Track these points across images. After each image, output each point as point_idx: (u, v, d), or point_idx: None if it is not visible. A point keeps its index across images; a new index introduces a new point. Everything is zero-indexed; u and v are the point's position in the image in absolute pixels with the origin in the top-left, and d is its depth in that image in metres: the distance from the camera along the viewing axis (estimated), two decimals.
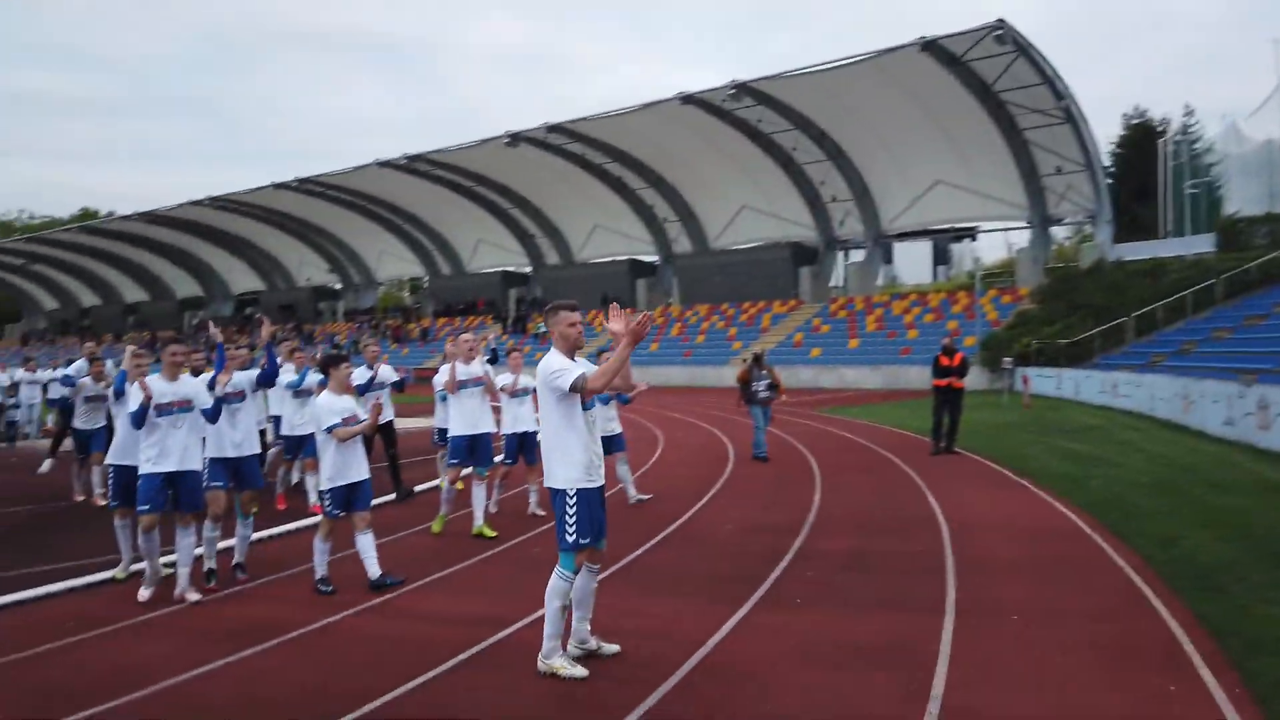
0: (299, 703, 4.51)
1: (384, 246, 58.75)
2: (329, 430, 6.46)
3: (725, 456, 14.29)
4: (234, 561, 7.06)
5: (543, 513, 9.18)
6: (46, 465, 12.69)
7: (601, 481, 4.88)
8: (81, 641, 5.55)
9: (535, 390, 8.65)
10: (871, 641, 5.20)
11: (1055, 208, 39.52)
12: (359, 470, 6.62)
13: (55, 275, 76.53)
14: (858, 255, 46.36)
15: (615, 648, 5.06)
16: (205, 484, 6.81)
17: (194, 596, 6.35)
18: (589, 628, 5.02)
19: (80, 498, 10.95)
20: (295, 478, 10.55)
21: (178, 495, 6.40)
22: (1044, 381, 28.10)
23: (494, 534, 8.35)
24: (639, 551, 7.63)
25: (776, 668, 4.81)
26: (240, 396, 7.17)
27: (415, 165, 46.83)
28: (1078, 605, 5.79)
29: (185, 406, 6.42)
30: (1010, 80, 34.38)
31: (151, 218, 58.52)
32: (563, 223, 52.29)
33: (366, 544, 6.64)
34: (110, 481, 6.98)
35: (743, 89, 36.99)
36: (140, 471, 6.39)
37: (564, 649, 4.87)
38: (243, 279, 67.40)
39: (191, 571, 6.46)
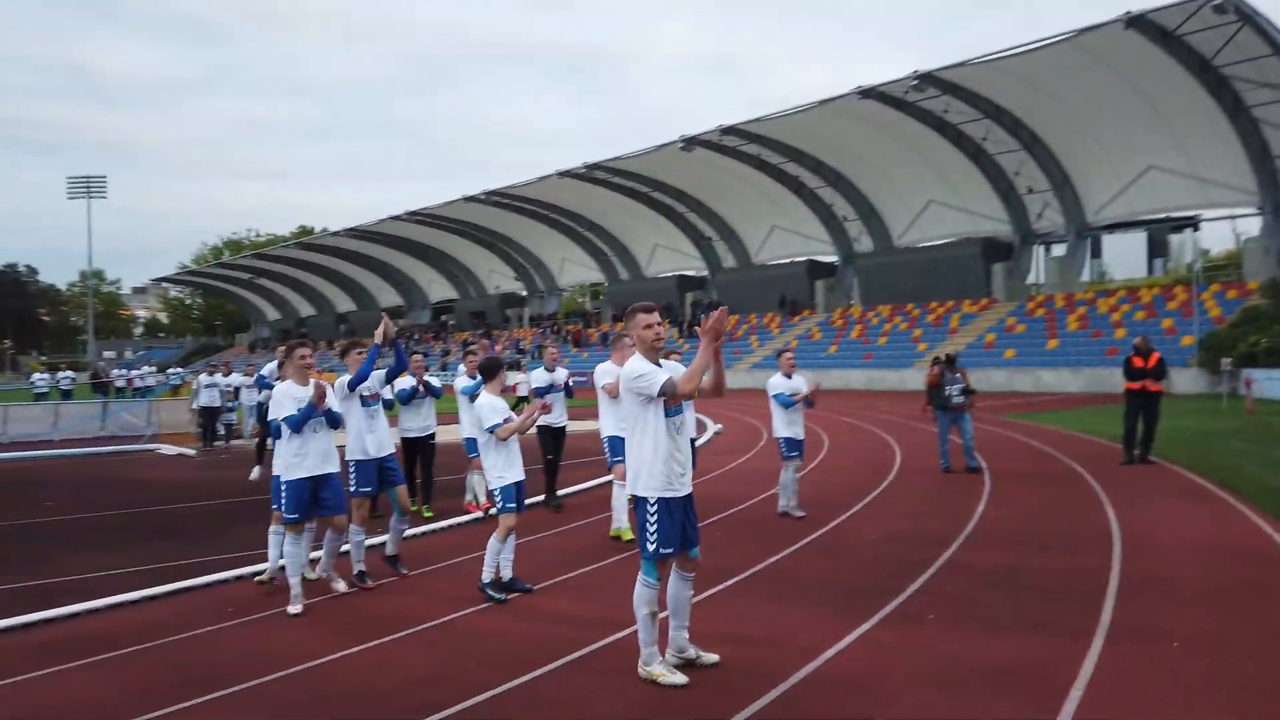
0: (410, 693, 4.64)
1: (566, 254, 60.69)
2: (491, 430, 6.45)
3: (890, 463, 13.64)
4: (388, 553, 7.24)
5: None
6: (256, 472, 13.00)
7: (686, 490, 4.71)
8: (234, 626, 5.98)
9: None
10: (1002, 663, 4.74)
11: None
12: (521, 469, 6.64)
13: (277, 288, 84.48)
14: (1058, 249, 43.23)
15: (714, 658, 4.88)
16: (353, 490, 7.06)
17: (340, 586, 6.61)
18: (686, 636, 4.87)
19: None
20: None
21: (320, 499, 6.47)
22: (1274, 384, 25.05)
23: (631, 536, 8.31)
24: (775, 558, 7.38)
25: (889, 684, 4.48)
26: (376, 399, 7.31)
27: (593, 174, 48.06)
28: (1252, 638, 5.04)
29: (319, 409, 6.57)
30: (1234, 53, 30.90)
31: (357, 233, 63.43)
32: (739, 225, 52.03)
33: (509, 546, 6.67)
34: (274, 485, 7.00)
35: (926, 79, 35.36)
36: (283, 479, 6.46)
37: (663, 655, 4.75)
38: (439, 288, 71.66)
39: (338, 565, 6.74)
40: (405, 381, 9.26)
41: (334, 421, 6.58)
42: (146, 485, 13.31)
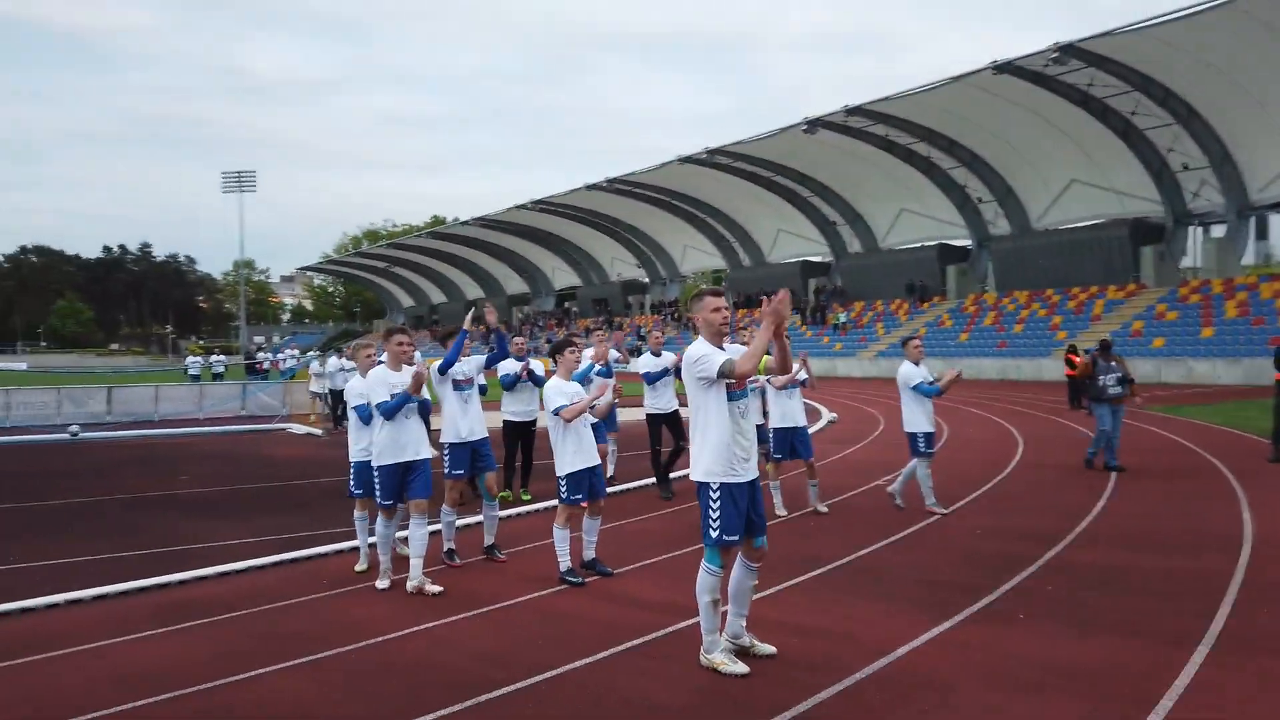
0: (473, 668, 4.72)
1: (687, 240, 60.60)
2: (556, 412, 6.46)
3: (1010, 456, 12.97)
4: (486, 543, 7.28)
5: (824, 509, 8.85)
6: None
7: (751, 475, 4.60)
8: (325, 598, 6.24)
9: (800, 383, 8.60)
10: (1089, 667, 4.41)
11: None
12: (592, 455, 6.63)
13: (411, 276, 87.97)
14: (1217, 231, 40.05)
15: (770, 649, 4.75)
16: (447, 472, 7.22)
17: (433, 589, 6.24)
18: (744, 624, 4.75)
19: None
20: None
21: (411, 483, 6.45)
22: None
23: None
24: (864, 551, 7.12)
25: (962, 685, 4.24)
26: (469, 383, 7.36)
27: (715, 159, 47.69)
28: None
29: (415, 396, 6.54)
30: None
31: (485, 222, 65.27)
32: (866, 209, 50.57)
33: (591, 528, 6.72)
34: (353, 473, 7.06)
35: (1068, 50, 33.28)
36: (375, 464, 6.48)
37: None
38: (563, 276, 72.95)
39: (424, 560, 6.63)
40: (510, 366, 9.19)
41: (424, 410, 6.63)
42: (274, 462, 14.12)
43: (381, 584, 6.40)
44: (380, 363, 6.63)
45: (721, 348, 4.62)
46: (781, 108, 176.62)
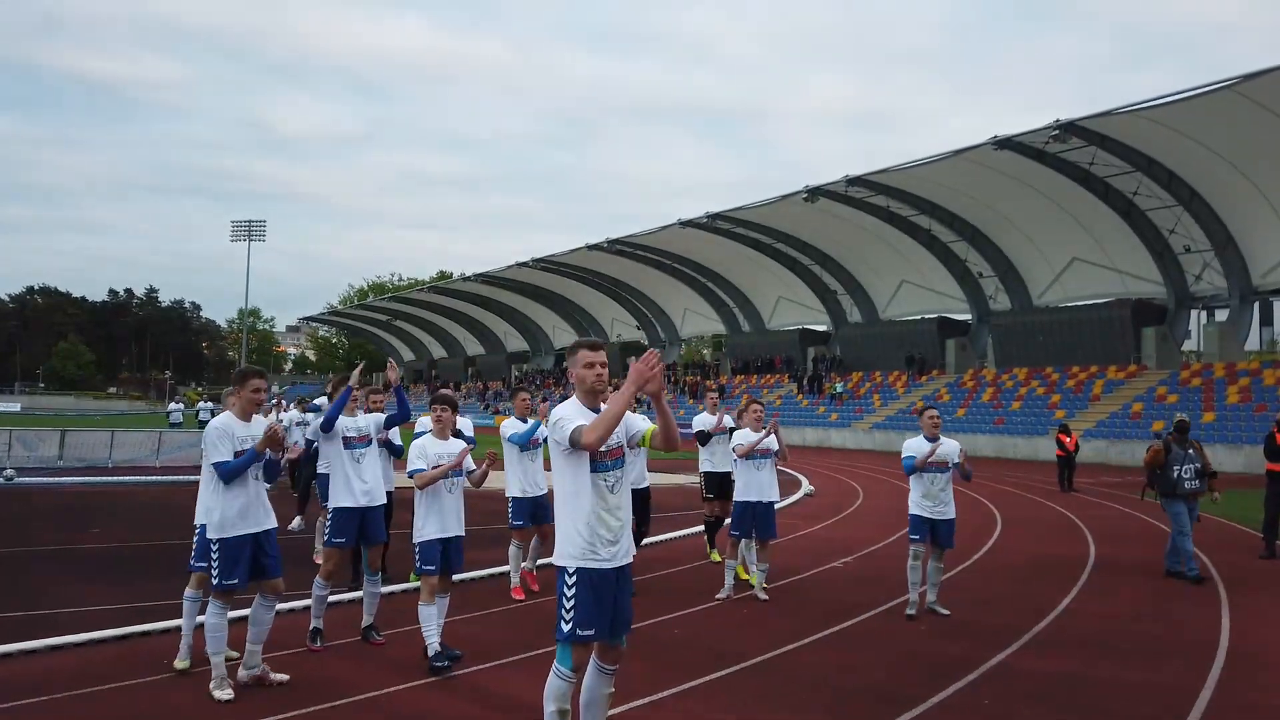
0: None
1: (688, 304, 60.31)
2: (410, 475, 6.01)
3: (982, 541, 12.16)
4: (364, 623, 6.54)
5: (764, 595, 8.02)
6: (296, 523, 11.70)
7: (619, 561, 3.93)
8: (150, 684, 5.52)
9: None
10: None
11: None
12: (453, 524, 6.08)
13: (413, 330, 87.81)
14: (1219, 314, 39.46)
15: None
16: (327, 539, 6.49)
17: (277, 678, 5.49)
18: None
19: None
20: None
21: (262, 560, 5.53)
22: None
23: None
24: (793, 645, 6.36)
25: None
26: (364, 441, 6.67)
27: (715, 223, 47.56)
28: None
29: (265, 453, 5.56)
30: None
31: (486, 278, 65.20)
32: (866, 279, 50.25)
33: (438, 608, 6.01)
34: (198, 540, 5.92)
35: (1068, 129, 33.14)
36: (214, 536, 5.47)
37: None
38: (563, 335, 72.60)
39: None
40: (515, 426, 8.18)
41: (270, 473, 5.71)
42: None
43: (222, 695, 5.21)
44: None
45: (596, 409, 3.96)
46: (791, 179, 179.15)
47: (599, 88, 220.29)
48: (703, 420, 9.26)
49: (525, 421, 8.16)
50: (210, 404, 38.50)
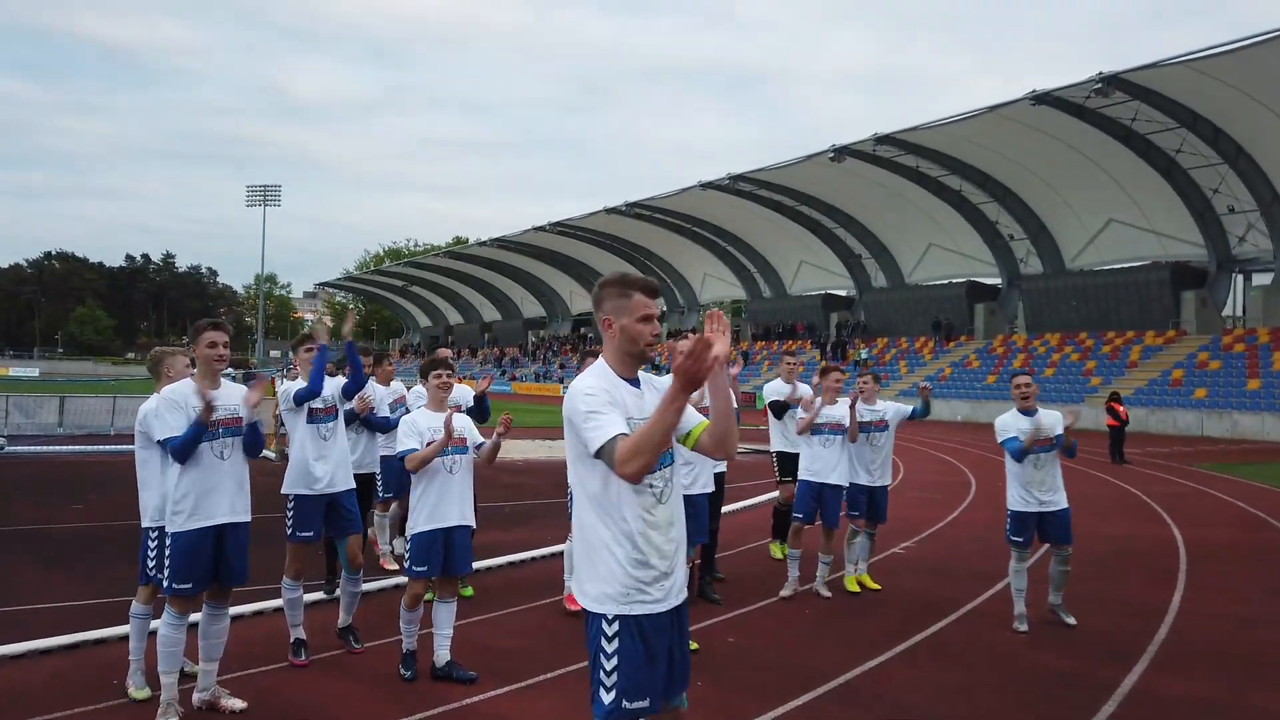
0: None
1: (707, 269, 59.03)
2: (401, 457, 5.02)
3: None
4: (340, 624, 5.58)
5: (826, 593, 6.97)
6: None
7: (675, 599, 2.76)
8: (91, 713, 4.55)
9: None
10: None
11: None
12: (453, 514, 5.06)
13: (429, 296, 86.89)
14: (1263, 278, 37.93)
15: None
16: (290, 533, 5.41)
17: (232, 704, 4.49)
18: None
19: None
20: None
21: (227, 560, 4.49)
22: None
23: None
24: (877, 660, 5.33)
25: None
26: (331, 414, 5.54)
27: (738, 185, 46.17)
28: None
29: (233, 427, 4.60)
30: None
31: (503, 243, 64.07)
32: (892, 242, 48.79)
33: (443, 618, 5.09)
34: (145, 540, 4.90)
35: (1111, 82, 31.49)
36: (168, 530, 4.51)
37: None
38: (580, 301, 71.48)
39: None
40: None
41: (252, 446, 4.66)
42: None
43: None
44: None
45: (633, 379, 2.81)
46: (814, 143, 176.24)
47: (616, 51, 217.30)
48: (776, 389, 7.88)
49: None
50: (230, 370, 37.75)
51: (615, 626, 2.66)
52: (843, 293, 52.83)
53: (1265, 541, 9.71)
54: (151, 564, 4.76)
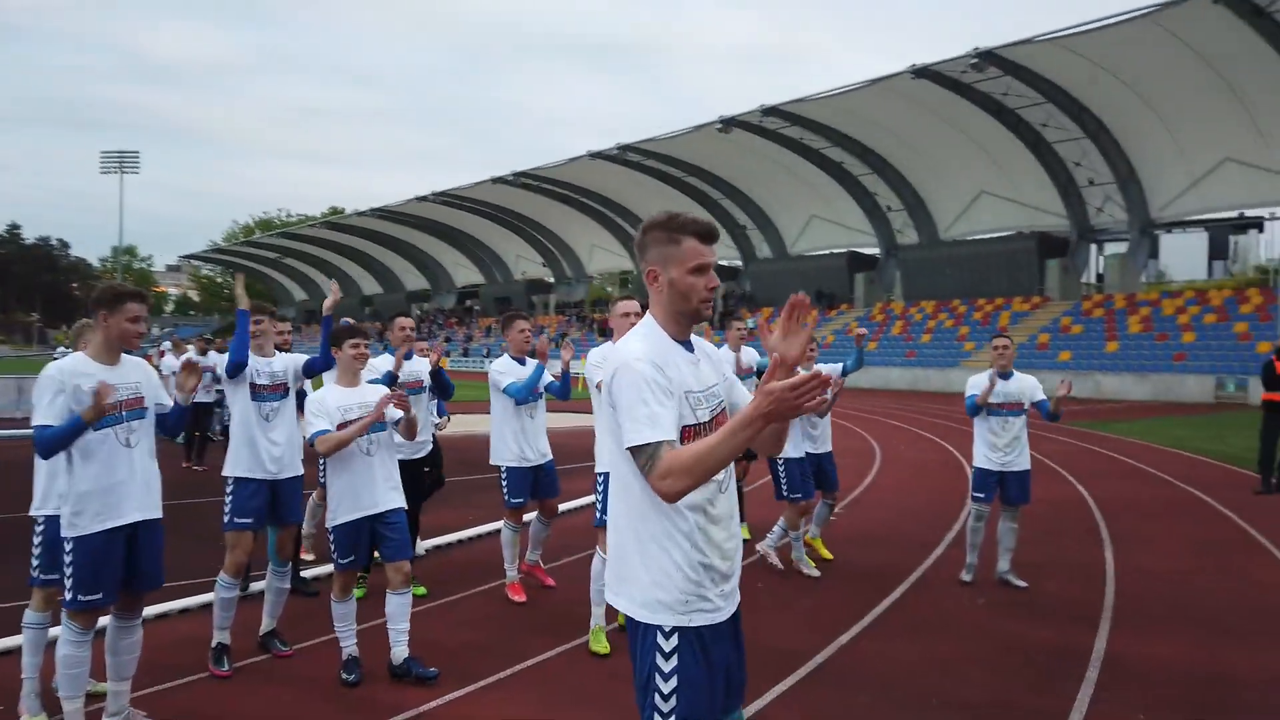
0: None
1: (595, 240, 58.64)
2: (312, 441, 4.56)
3: (965, 482, 11.38)
4: (263, 629, 5.04)
5: (781, 565, 6.77)
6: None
7: (731, 608, 2.36)
8: None
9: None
10: None
11: None
12: (380, 499, 4.65)
13: (304, 269, 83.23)
14: (1115, 248, 40.49)
15: None
16: (227, 521, 4.90)
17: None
18: None
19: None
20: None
21: (138, 564, 3.90)
22: None
23: (604, 650, 5.16)
24: (849, 635, 5.21)
25: None
26: (279, 391, 5.07)
27: (627, 156, 45.86)
28: None
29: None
30: None
31: (384, 213, 61.85)
32: (776, 214, 49.64)
33: (397, 611, 4.68)
34: (42, 542, 4.23)
35: (987, 57, 32.71)
36: (67, 535, 3.82)
37: None
38: (464, 273, 69.93)
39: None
40: (507, 368, 6.03)
41: (174, 427, 4.08)
42: None
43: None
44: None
45: (686, 341, 2.41)
46: (694, 115, 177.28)
47: (501, 20, 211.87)
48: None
49: (524, 363, 6.06)
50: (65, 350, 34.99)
51: (674, 641, 2.25)
52: (729, 263, 53.43)
53: (1167, 496, 10.22)
54: (35, 563, 4.16)
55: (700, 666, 2.25)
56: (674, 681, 2.23)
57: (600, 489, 4.98)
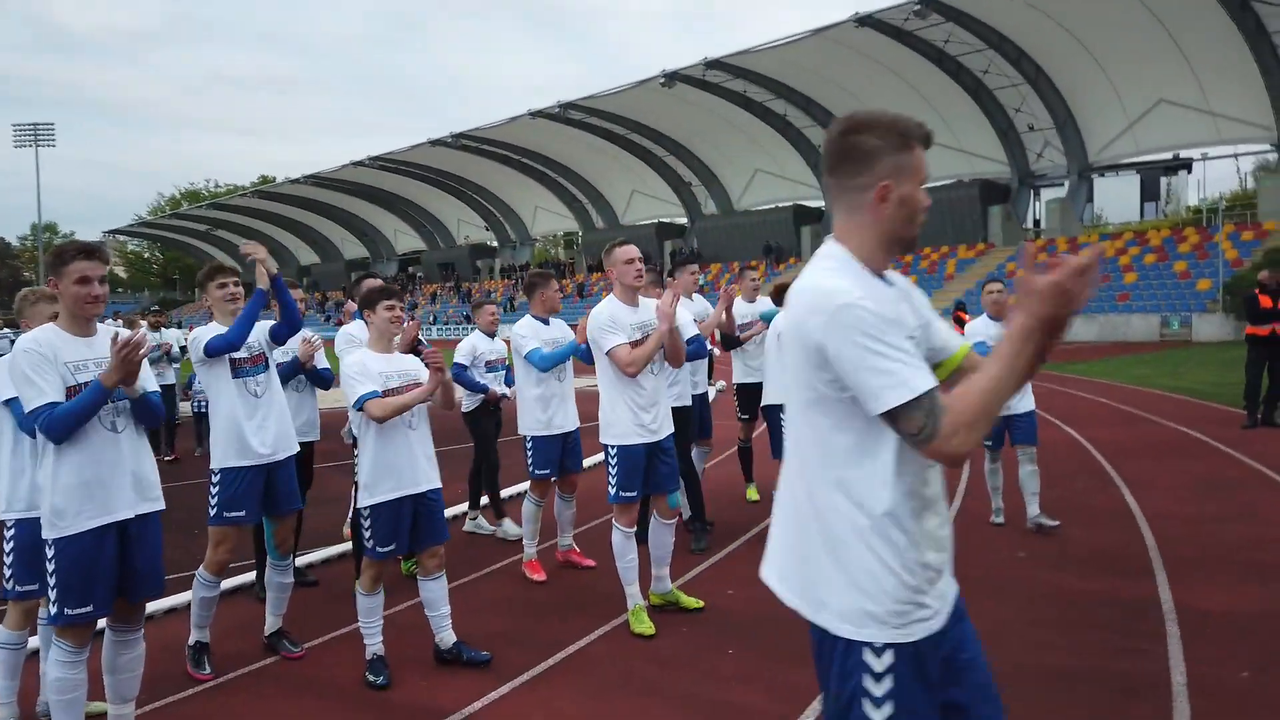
0: None
1: (539, 201, 57.63)
2: (358, 405, 4.14)
3: None
4: (268, 629, 4.57)
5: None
6: None
7: (949, 611, 1.93)
8: None
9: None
10: None
11: None
12: (417, 477, 4.27)
13: (236, 240, 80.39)
14: (1049, 193, 41.10)
15: None
16: (213, 514, 4.37)
17: None
18: None
19: None
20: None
21: (135, 567, 3.39)
22: None
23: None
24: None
25: None
26: (261, 363, 4.50)
27: (568, 114, 44.92)
28: None
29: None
30: None
31: (318, 180, 59.87)
32: (721, 169, 49.28)
33: (433, 596, 4.37)
34: (13, 549, 3.75)
35: (929, 4, 32.59)
36: (49, 536, 3.30)
37: None
38: (405, 239, 68.30)
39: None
40: (530, 330, 5.67)
41: (147, 414, 3.46)
42: None
43: None
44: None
45: (884, 275, 1.94)
46: (630, 76, 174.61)
47: None
48: (741, 311, 6.97)
49: (547, 323, 5.70)
50: (9, 331, 33.12)
51: (887, 659, 1.83)
52: (676, 221, 53.04)
53: (1152, 435, 10.23)
54: (7, 573, 3.67)
55: (920, 691, 1.84)
56: (889, 709, 1.82)
57: (613, 464, 4.66)
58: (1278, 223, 32.00)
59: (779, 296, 6.44)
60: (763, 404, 6.39)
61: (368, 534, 4.18)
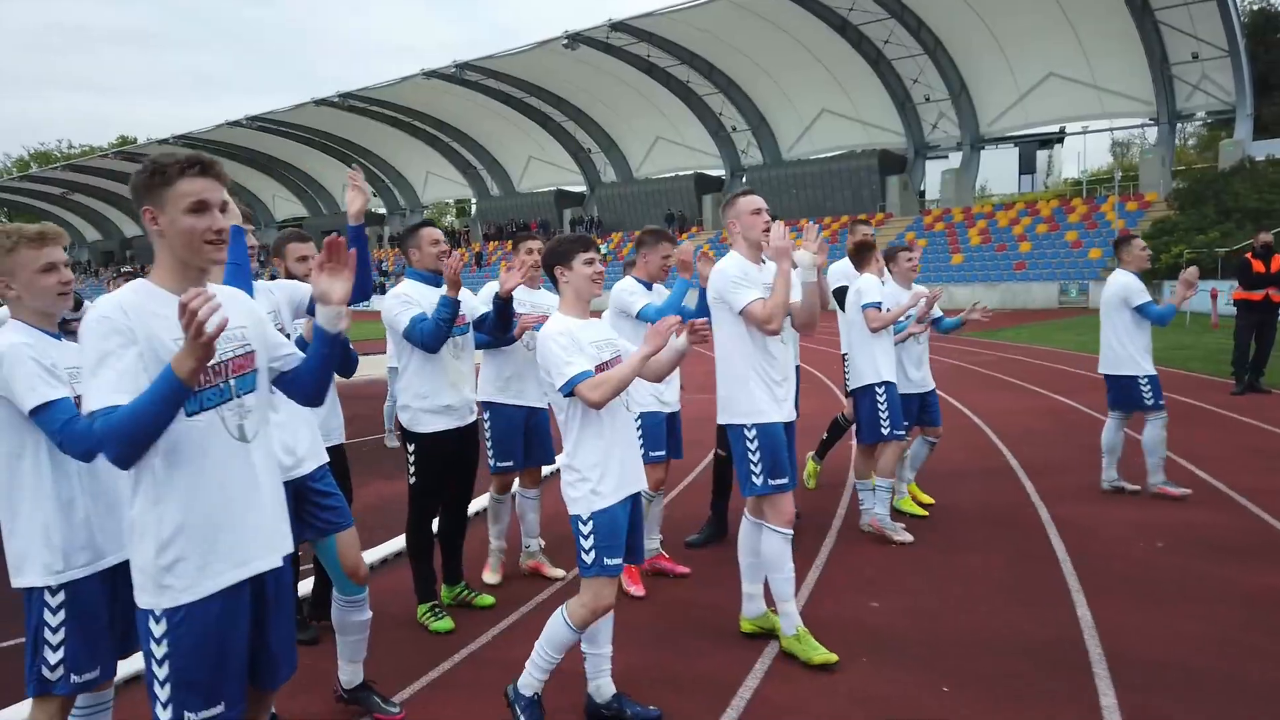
0: None
1: (430, 167, 55.33)
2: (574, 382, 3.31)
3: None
4: (347, 682, 3.55)
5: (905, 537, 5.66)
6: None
7: None
8: None
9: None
10: None
11: (1186, 101, 34.96)
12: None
13: (96, 205, 74.28)
14: (950, 163, 42.18)
15: None
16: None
17: None
18: None
19: None
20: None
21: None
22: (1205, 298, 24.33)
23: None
24: (1068, 624, 4.47)
25: None
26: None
27: (464, 75, 43.03)
28: None
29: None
30: None
31: (188, 141, 55.58)
32: (622, 136, 48.40)
33: (596, 633, 3.56)
34: None
35: None
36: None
37: None
38: (285, 205, 64.54)
39: None
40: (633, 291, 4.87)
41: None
42: None
43: None
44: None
45: None
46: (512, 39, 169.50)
47: None
48: (844, 272, 6.30)
49: (650, 288, 4.88)
50: None
51: None
52: (575, 189, 51.93)
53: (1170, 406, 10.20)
54: (55, 656, 2.56)
55: None
56: None
57: (753, 447, 3.92)
58: (1159, 193, 33.64)
59: (859, 256, 5.82)
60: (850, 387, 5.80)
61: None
